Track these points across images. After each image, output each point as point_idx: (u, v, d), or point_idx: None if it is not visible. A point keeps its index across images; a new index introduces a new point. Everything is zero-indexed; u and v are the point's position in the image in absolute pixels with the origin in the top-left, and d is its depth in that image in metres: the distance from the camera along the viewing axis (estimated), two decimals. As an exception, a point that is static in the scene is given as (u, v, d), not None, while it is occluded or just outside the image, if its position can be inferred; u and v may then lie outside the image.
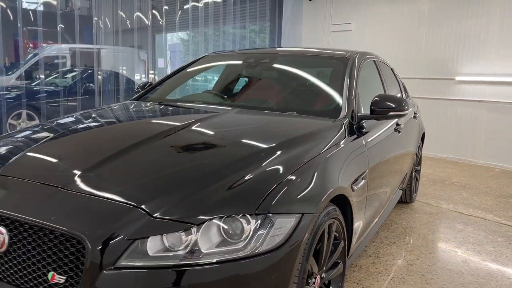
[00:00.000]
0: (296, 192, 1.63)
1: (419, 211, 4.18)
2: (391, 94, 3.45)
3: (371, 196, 2.46)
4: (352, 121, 2.43)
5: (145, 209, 1.42)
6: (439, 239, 3.46)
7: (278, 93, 2.97)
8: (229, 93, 3.21)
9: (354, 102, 2.54)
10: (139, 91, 3.27)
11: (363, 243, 2.60)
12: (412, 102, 4.48)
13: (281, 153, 1.84)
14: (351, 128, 2.39)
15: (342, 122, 2.36)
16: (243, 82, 3.24)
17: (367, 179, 2.31)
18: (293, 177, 1.68)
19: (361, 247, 2.60)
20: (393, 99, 2.52)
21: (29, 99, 6.73)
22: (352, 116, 2.46)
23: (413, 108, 4.25)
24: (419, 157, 4.55)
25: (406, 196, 4.24)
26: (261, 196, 1.52)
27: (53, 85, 7.40)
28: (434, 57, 7.03)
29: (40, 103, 6.70)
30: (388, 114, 2.47)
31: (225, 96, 3.16)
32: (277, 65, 3.20)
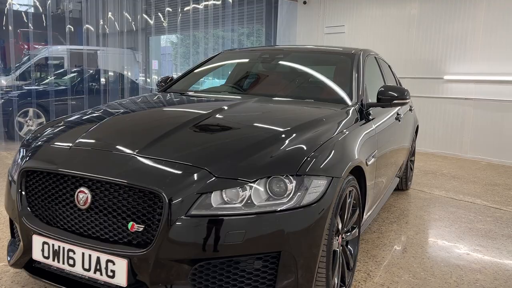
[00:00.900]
0: (326, 160, 1.96)
1: (414, 197, 4.55)
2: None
3: (379, 173, 2.80)
4: (362, 108, 2.77)
5: (209, 170, 1.73)
6: (434, 219, 3.82)
7: (295, 84, 3.31)
8: (249, 85, 3.53)
9: (362, 91, 2.89)
10: (162, 85, 3.56)
11: (371, 216, 2.93)
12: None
13: (308, 130, 2.17)
14: (361, 113, 2.73)
15: (354, 107, 2.70)
16: (261, 75, 3.55)
17: (376, 157, 2.65)
18: (323, 148, 2.00)
19: (368, 221, 2.93)
20: (397, 89, 2.87)
21: (37, 98, 6.96)
22: (361, 103, 2.80)
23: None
24: (414, 148, 4.92)
25: (402, 183, 4.61)
26: (299, 161, 1.84)
27: (55, 84, 7.62)
28: (423, 58, 7.46)
29: (49, 101, 6.93)
30: (392, 102, 2.82)
31: (247, 87, 3.48)
32: (291, 60, 3.53)
